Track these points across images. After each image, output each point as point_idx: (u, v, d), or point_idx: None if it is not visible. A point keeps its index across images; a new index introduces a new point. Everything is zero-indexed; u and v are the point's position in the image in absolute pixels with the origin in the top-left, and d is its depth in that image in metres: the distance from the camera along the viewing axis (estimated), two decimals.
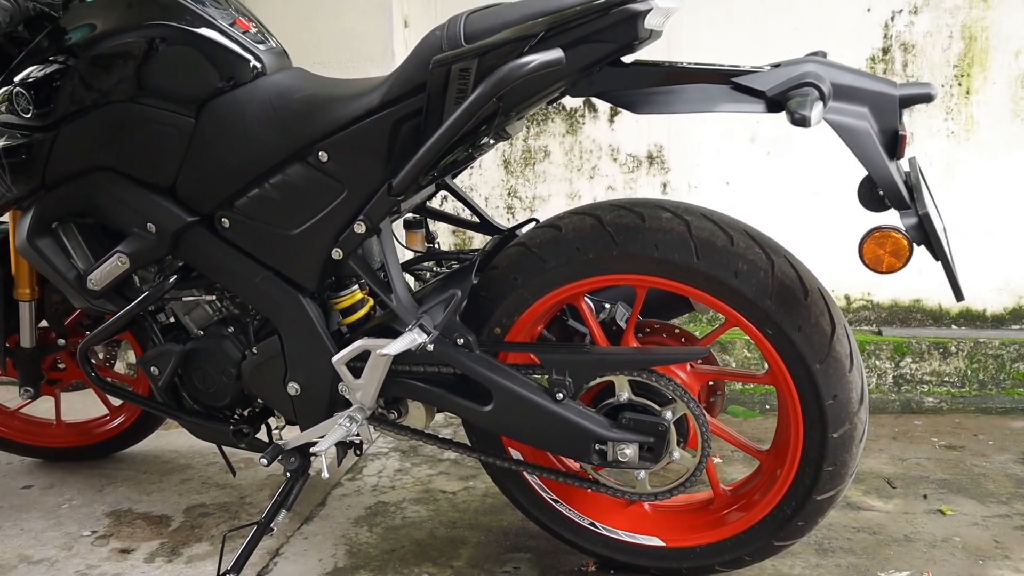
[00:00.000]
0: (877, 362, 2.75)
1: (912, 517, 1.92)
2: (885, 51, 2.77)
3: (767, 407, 2.70)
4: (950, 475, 2.16)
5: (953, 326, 2.86)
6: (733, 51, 2.74)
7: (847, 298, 2.89)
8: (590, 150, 2.86)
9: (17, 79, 1.59)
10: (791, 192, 2.80)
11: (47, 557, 1.83)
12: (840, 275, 2.63)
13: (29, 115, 1.59)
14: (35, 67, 1.59)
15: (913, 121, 2.75)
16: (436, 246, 1.88)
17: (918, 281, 2.80)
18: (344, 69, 2.76)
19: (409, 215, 1.87)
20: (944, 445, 2.38)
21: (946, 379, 2.73)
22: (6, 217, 1.90)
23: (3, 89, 1.61)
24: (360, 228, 1.46)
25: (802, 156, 2.77)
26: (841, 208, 2.28)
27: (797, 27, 2.74)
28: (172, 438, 2.50)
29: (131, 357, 2.88)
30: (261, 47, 1.59)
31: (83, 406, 2.44)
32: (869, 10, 2.75)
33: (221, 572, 1.68)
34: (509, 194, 2.93)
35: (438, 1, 2.86)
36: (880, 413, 2.66)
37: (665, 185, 2.85)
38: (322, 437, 1.58)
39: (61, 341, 2.11)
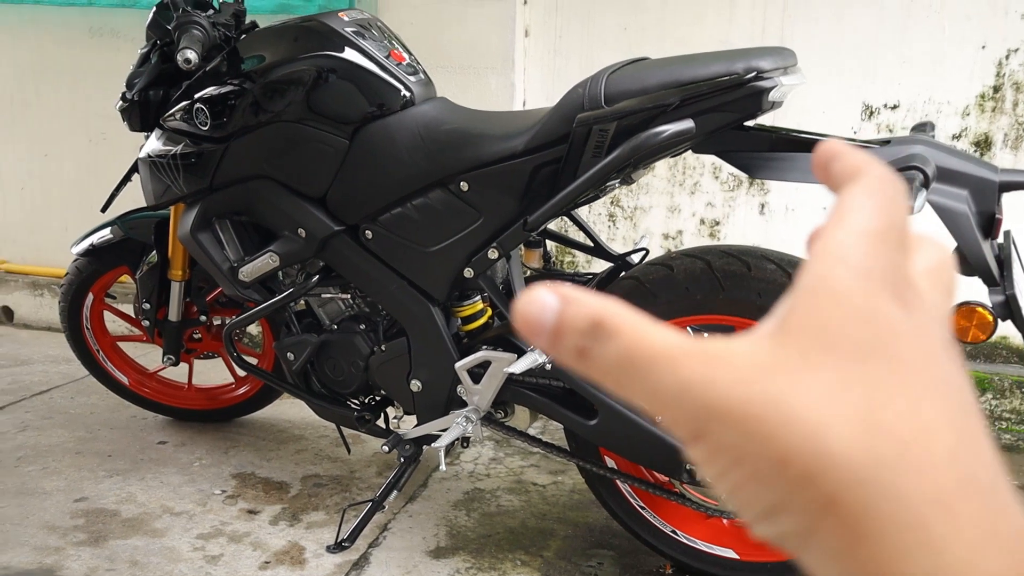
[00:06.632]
0: None
1: None
2: (996, 89, 2.79)
3: None
4: None
5: None
6: (844, 79, 2.80)
7: None
8: (693, 167, 2.97)
9: (197, 96, 1.80)
10: None
11: (186, 510, 2.07)
12: None
13: (206, 127, 1.80)
14: (213, 87, 1.79)
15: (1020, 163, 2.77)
16: (553, 265, 2.04)
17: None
18: (466, 74, 2.93)
19: None
20: (1019, 485, 2.45)
21: None
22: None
23: (183, 103, 1.82)
24: (493, 254, 1.63)
25: None
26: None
27: (909, 59, 2.79)
28: (286, 408, 2.73)
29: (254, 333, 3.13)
30: (412, 78, 1.76)
31: (205, 372, 2.69)
32: (984, 47, 2.77)
33: (338, 541, 1.89)
34: (612, 203, 3.06)
35: (558, 13, 2.99)
36: None
37: (763, 206, 2.94)
38: (443, 432, 1.77)
39: (202, 317, 2.34)
